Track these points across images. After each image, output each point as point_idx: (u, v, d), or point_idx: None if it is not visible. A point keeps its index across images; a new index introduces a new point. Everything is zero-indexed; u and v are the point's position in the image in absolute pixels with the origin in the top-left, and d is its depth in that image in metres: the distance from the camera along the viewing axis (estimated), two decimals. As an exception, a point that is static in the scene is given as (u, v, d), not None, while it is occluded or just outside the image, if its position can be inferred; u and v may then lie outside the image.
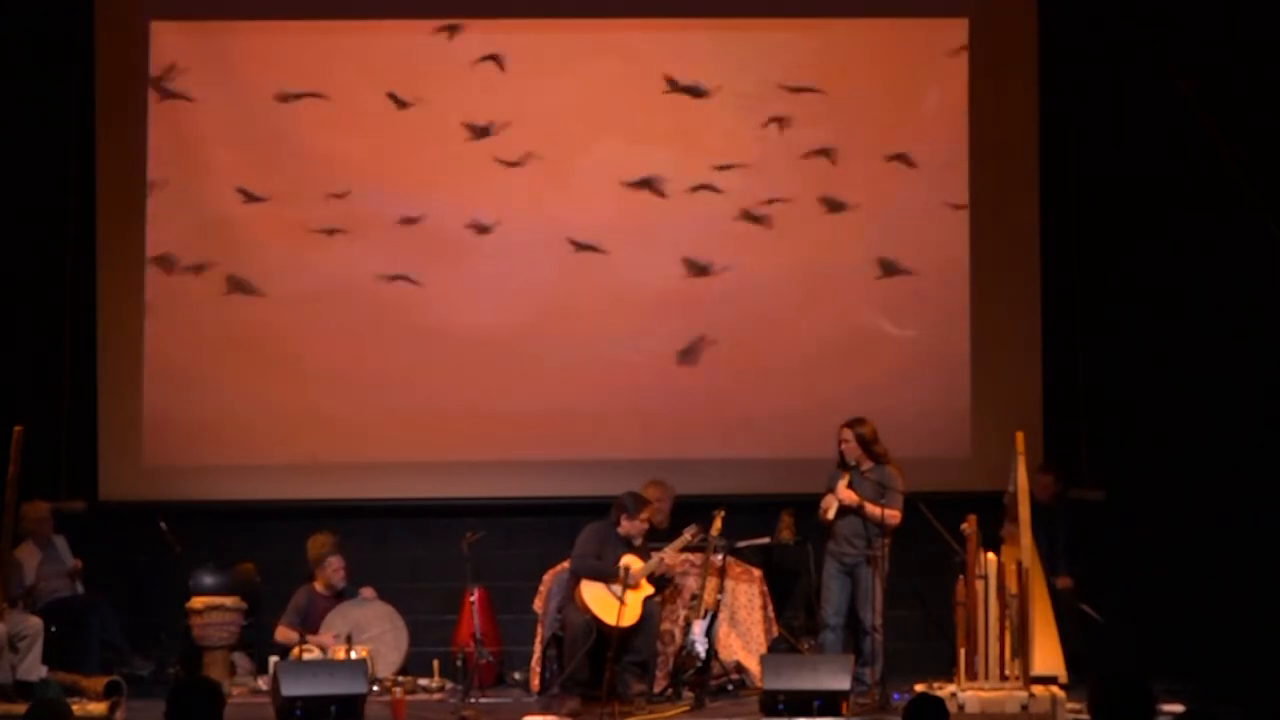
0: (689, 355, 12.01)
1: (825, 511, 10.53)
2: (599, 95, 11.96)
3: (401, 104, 11.93)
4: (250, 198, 11.91)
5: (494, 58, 11.95)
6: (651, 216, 11.99)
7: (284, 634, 11.06)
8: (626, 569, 10.43)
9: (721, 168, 11.98)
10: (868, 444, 10.55)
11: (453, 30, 11.95)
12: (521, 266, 11.96)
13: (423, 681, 11.00)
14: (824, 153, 12.01)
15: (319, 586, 11.33)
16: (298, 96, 11.90)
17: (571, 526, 10.90)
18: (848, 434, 10.57)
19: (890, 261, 12.02)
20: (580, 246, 11.98)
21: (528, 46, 11.98)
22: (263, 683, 10.78)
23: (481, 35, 11.97)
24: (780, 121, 12.00)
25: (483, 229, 11.96)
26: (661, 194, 11.99)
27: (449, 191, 11.95)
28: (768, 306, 12.00)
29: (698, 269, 12.00)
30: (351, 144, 11.93)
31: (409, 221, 11.94)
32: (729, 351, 12.00)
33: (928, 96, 12.02)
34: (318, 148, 11.92)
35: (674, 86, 11.97)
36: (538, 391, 11.92)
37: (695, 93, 11.98)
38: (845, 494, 10.49)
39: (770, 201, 12.00)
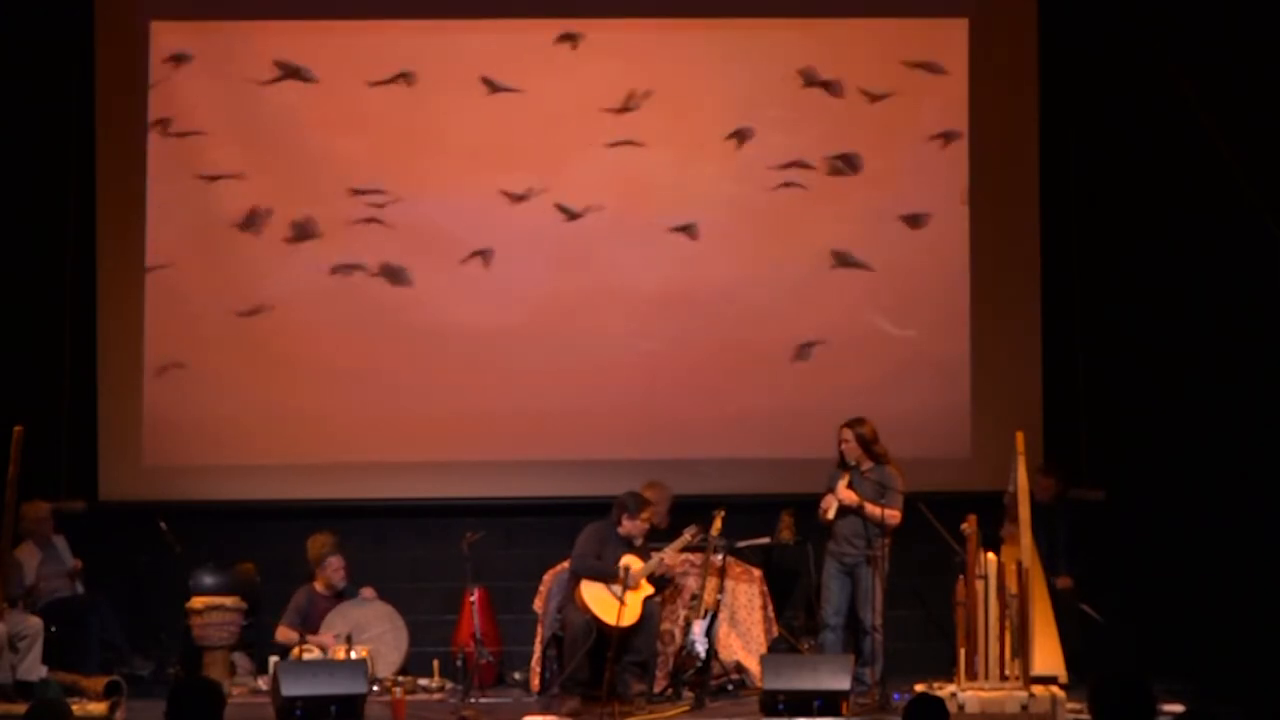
0: (688, 355, 12.00)
1: (825, 512, 10.53)
2: (593, 93, 11.97)
3: (398, 103, 11.93)
4: (249, 198, 11.91)
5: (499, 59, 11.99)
6: (649, 217, 11.99)
7: (284, 634, 11.06)
8: (626, 569, 10.43)
9: (717, 168, 11.97)
10: (868, 444, 10.55)
11: (448, 28, 11.98)
12: (519, 267, 11.96)
13: (423, 681, 10.99)
14: (823, 152, 12.01)
15: (319, 586, 11.32)
16: (296, 95, 11.90)
17: (571, 526, 10.90)
18: (848, 434, 10.57)
19: (889, 261, 12.01)
20: (578, 246, 11.98)
21: (514, 50, 11.98)
22: (263, 683, 10.78)
23: (477, 35, 11.97)
24: (777, 122, 11.99)
25: (480, 229, 11.96)
26: (659, 194, 11.99)
27: (448, 191, 11.95)
28: (767, 306, 12.00)
29: (696, 269, 11.98)
30: (351, 144, 11.93)
31: (407, 222, 11.94)
32: (728, 351, 11.99)
33: (927, 96, 12.01)
34: (318, 148, 11.93)
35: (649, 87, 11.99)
36: (537, 391, 11.92)
37: (679, 91, 11.99)
38: (845, 494, 10.49)
39: (768, 201, 11.99)
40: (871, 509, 10.35)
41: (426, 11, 12.00)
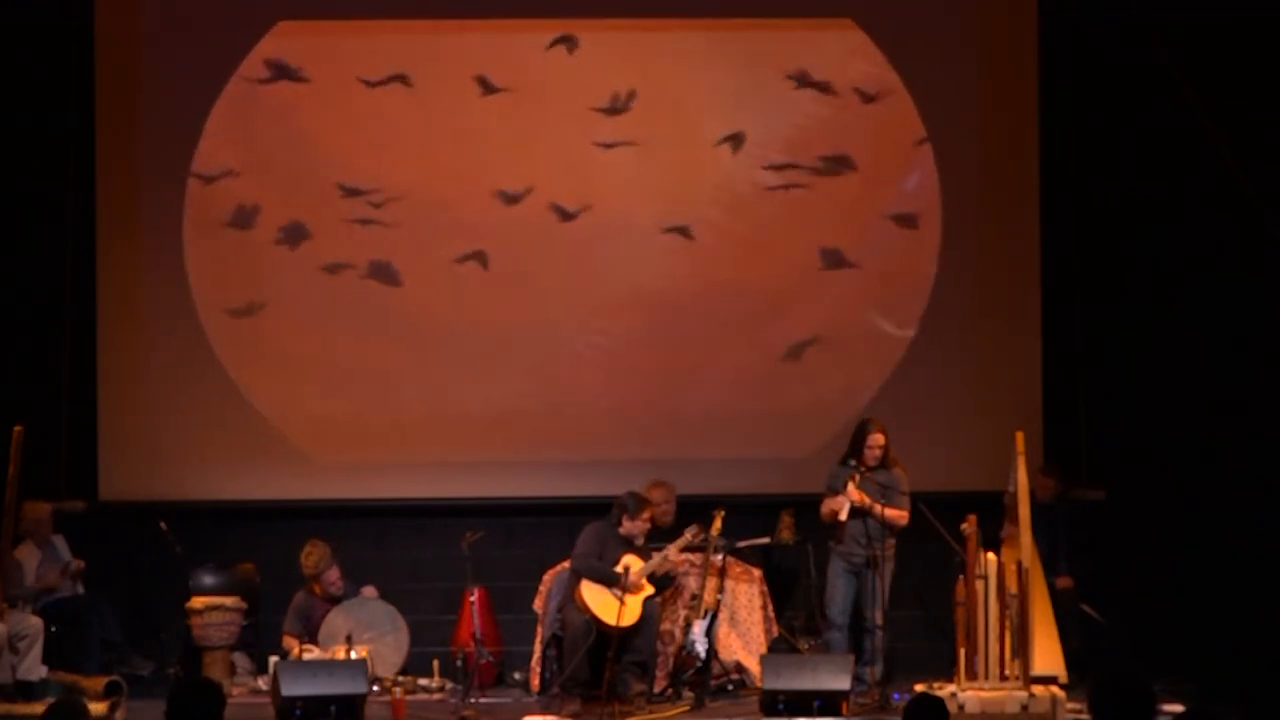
0: (689, 355, 12.01)
1: (837, 514, 10.48)
2: (592, 92, 11.98)
3: (398, 101, 11.94)
4: (247, 196, 11.92)
5: (485, 69, 11.98)
6: (649, 217, 11.99)
7: (289, 642, 11.07)
8: (626, 570, 10.41)
9: (713, 167, 11.98)
10: (888, 447, 10.56)
11: (433, 29, 11.99)
12: (519, 267, 11.97)
13: (423, 681, 11.00)
14: (824, 151, 12.01)
15: (318, 590, 11.31)
16: (291, 94, 11.92)
17: (571, 526, 10.90)
18: (883, 439, 10.50)
19: (889, 261, 12.02)
20: (580, 246, 11.98)
21: (521, 42, 11.99)
22: (263, 683, 10.79)
23: (463, 37, 11.97)
24: (771, 123, 11.99)
25: (480, 229, 11.97)
26: (659, 194, 11.99)
27: (448, 190, 11.96)
28: (767, 306, 12.01)
29: (696, 269, 11.99)
30: (349, 143, 11.93)
31: (404, 222, 11.94)
32: (728, 351, 12.00)
33: (928, 95, 12.01)
34: (315, 146, 11.93)
35: (676, 84, 12.00)
36: (536, 391, 11.93)
37: (695, 92, 11.99)
38: (856, 495, 10.46)
39: (769, 200, 12.00)
40: (880, 510, 10.35)
41: (420, 11, 12.01)
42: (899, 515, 10.42)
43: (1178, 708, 8.93)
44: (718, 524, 10.69)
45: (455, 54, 11.95)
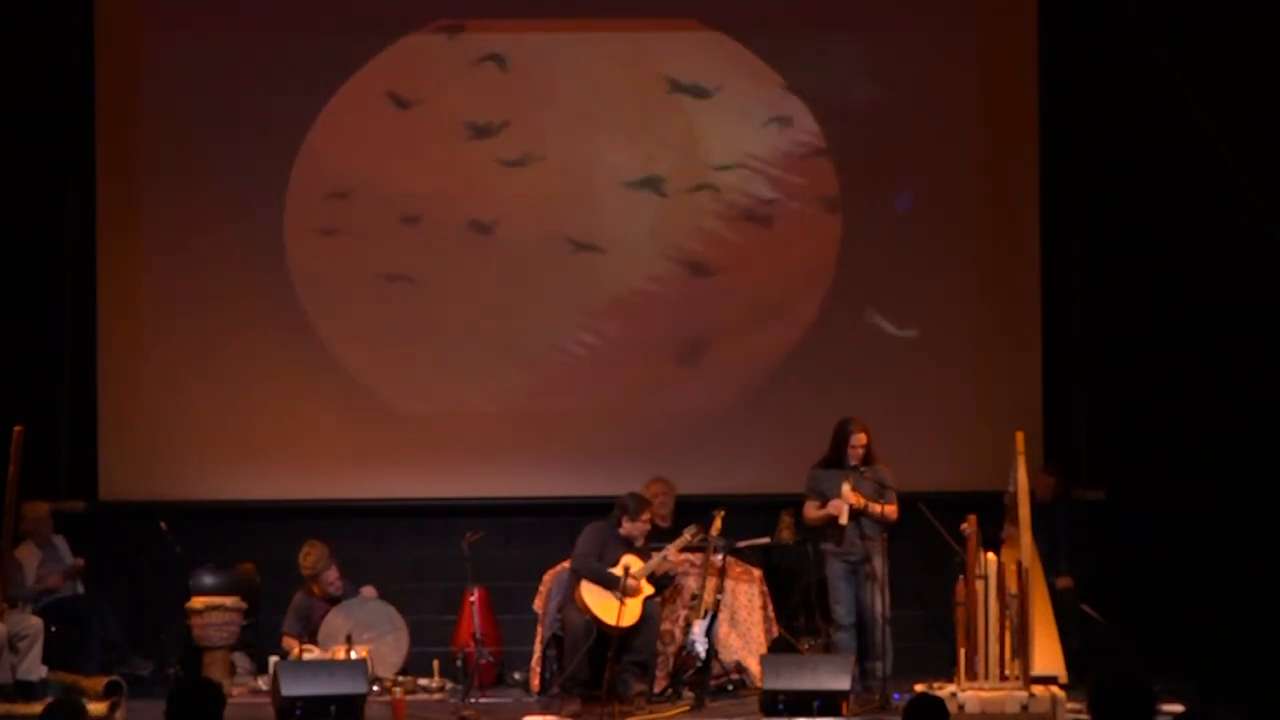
0: (688, 355, 12.02)
1: (837, 517, 10.45)
2: (599, 95, 11.99)
3: (402, 104, 11.95)
4: (248, 196, 11.93)
5: (495, 57, 11.97)
6: (651, 216, 12.01)
7: (289, 642, 11.06)
8: (626, 572, 10.40)
9: (722, 167, 12.00)
10: (870, 444, 10.56)
11: (452, 30, 11.98)
12: (520, 266, 11.98)
13: (423, 681, 11.00)
14: (824, 152, 12.02)
15: (316, 590, 11.31)
16: (295, 96, 11.93)
17: (571, 526, 10.90)
18: (865, 437, 10.50)
19: (889, 260, 12.03)
20: (579, 246, 11.99)
21: (528, 47, 12.00)
22: (263, 683, 10.79)
23: (482, 35, 12.00)
24: (781, 121, 12.00)
25: (482, 229, 11.98)
26: (661, 194, 12.01)
27: (449, 190, 11.97)
28: (767, 306, 12.01)
29: (697, 269, 12.01)
30: (351, 143, 11.94)
31: (409, 221, 11.96)
32: (728, 351, 12.01)
33: (928, 97, 12.02)
34: (317, 147, 11.93)
35: (675, 86, 12.00)
36: (537, 391, 11.93)
37: (697, 93, 12.00)
38: (853, 497, 10.44)
39: (769, 201, 12.02)
40: (876, 508, 10.35)
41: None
42: (894, 511, 10.43)
43: (1178, 708, 8.93)
44: (717, 524, 10.68)
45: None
